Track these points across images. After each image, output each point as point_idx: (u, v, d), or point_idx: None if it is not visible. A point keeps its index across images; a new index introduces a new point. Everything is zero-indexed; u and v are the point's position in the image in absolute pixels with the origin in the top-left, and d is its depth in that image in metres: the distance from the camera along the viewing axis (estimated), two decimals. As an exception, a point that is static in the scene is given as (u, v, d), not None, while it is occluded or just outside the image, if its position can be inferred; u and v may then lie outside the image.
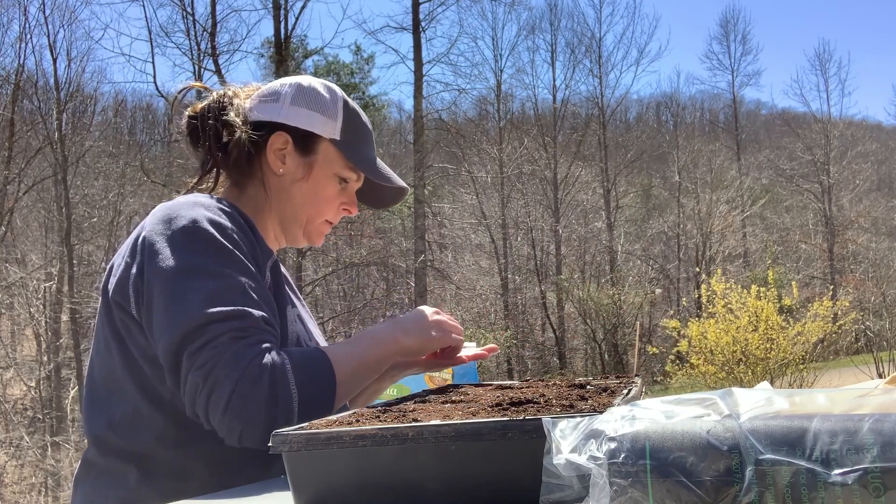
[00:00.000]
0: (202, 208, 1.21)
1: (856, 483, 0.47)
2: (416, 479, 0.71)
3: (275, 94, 1.39)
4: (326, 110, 1.38)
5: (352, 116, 1.41)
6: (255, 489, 0.99)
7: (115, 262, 1.24)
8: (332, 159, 1.39)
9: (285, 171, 1.37)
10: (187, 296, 1.10)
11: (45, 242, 20.56)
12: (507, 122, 26.55)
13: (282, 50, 18.17)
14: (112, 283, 1.20)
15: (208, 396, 1.06)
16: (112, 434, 1.21)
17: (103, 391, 1.24)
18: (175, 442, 1.18)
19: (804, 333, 11.88)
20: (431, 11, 20.56)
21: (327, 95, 1.39)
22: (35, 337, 19.40)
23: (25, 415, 18.39)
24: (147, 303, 1.14)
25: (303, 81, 1.40)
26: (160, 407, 1.18)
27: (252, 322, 1.11)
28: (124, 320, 1.19)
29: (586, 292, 23.52)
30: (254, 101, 1.39)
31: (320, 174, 1.39)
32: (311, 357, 1.14)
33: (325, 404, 1.12)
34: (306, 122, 1.36)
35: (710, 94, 36.22)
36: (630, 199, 29.18)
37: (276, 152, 1.36)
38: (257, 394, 1.05)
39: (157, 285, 1.13)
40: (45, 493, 15.90)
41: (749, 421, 0.52)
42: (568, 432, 0.57)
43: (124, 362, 1.20)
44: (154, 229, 1.18)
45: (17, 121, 18.89)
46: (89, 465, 1.25)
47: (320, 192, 1.40)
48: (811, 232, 31.23)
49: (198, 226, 1.17)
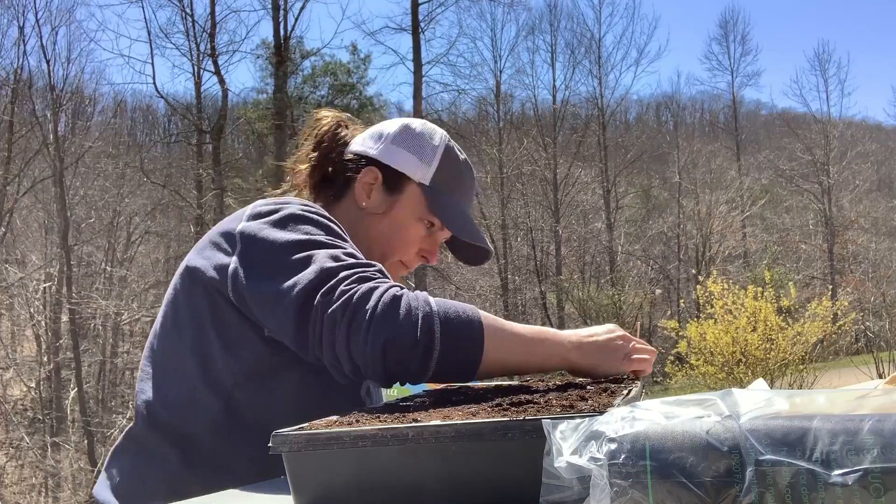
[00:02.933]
0: (296, 203, 1.24)
1: (856, 484, 0.47)
2: (416, 480, 0.71)
3: (383, 129, 1.43)
4: (423, 154, 1.40)
5: (450, 165, 1.43)
6: (255, 489, 0.99)
7: (202, 244, 1.25)
8: (416, 202, 1.40)
9: (368, 206, 1.39)
10: (307, 260, 1.10)
11: (45, 243, 20.56)
12: (507, 122, 26.57)
13: (281, 51, 18.19)
14: (209, 269, 1.19)
15: (349, 324, 1.04)
16: (164, 412, 1.21)
17: (162, 369, 1.25)
18: (225, 432, 1.18)
19: (804, 334, 11.88)
20: (431, 12, 20.60)
21: (429, 140, 1.42)
22: (35, 337, 19.40)
23: (25, 415, 18.39)
24: (254, 281, 1.13)
25: (413, 123, 1.44)
26: (218, 395, 1.19)
27: (377, 269, 1.12)
28: (217, 303, 1.19)
29: (586, 293, 23.54)
30: (362, 137, 1.45)
31: (401, 214, 1.40)
32: (459, 303, 1.11)
33: (468, 348, 1.06)
34: (398, 162, 1.39)
35: (710, 95, 36.27)
36: (630, 199, 29.20)
37: (364, 185, 1.40)
38: (398, 311, 1.04)
39: (271, 259, 1.13)
40: (45, 493, 15.89)
41: (749, 421, 0.52)
42: (568, 434, 0.57)
43: (195, 343, 1.20)
44: (253, 220, 1.20)
45: (17, 122, 18.89)
46: (134, 439, 1.25)
47: (397, 232, 1.41)
48: (811, 232, 31.25)
49: (300, 211, 1.20)
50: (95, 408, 18.72)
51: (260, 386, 1.20)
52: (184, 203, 20.68)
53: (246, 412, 1.19)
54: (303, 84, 21.94)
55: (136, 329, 23.95)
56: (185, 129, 21.49)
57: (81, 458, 16.44)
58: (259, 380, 1.20)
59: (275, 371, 1.20)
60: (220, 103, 19.89)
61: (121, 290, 20.68)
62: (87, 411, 17.58)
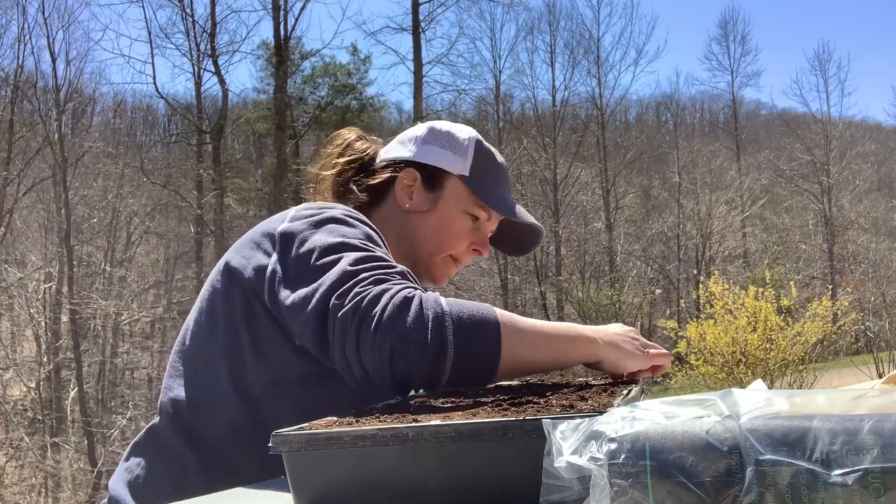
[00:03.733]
0: (338, 207, 1.24)
1: (856, 484, 0.47)
2: (416, 480, 0.71)
3: (411, 134, 1.46)
4: (456, 148, 1.42)
5: (485, 155, 1.44)
6: (255, 489, 0.99)
7: (241, 243, 1.24)
8: (460, 195, 1.41)
9: (411, 207, 1.40)
10: (333, 264, 1.10)
11: (45, 243, 20.56)
12: (507, 122, 26.59)
13: (281, 51, 18.19)
14: (248, 269, 1.18)
15: (358, 328, 1.02)
16: (189, 411, 1.20)
17: (192, 365, 1.24)
18: (245, 438, 1.17)
19: (803, 334, 11.89)
20: (431, 12, 20.62)
21: (459, 135, 1.44)
22: (35, 338, 19.40)
23: (25, 416, 18.39)
24: (287, 286, 1.12)
25: (437, 124, 1.46)
26: (244, 400, 1.18)
27: (397, 271, 1.11)
28: (252, 306, 1.18)
29: (586, 293, 23.54)
30: (391, 144, 1.47)
31: (446, 209, 1.41)
32: (473, 302, 1.08)
33: (484, 348, 1.03)
34: (434, 159, 1.41)
35: (710, 95, 36.31)
36: (629, 199, 29.21)
37: (405, 188, 1.41)
38: (407, 315, 1.01)
39: (302, 263, 1.12)
40: (45, 494, 15.89)
41: (749, 421, 0.52)
42: (568, 434, 0.57)
43: (227, 345, 1.19)
44: (297, 221, 1.19)
45: (17, 122, 18.91)
46: (154, 436, 1.24)
47: (445, 227, 1.41)
48: (811, 232, 31.25)
49: (339, 216, 1.20)
50: (95, 408, 18.72)
51: (287, 395, 1.18)
52: (184, 203, 20.70)
53: (268, 420, 1.15)
54: (303, 84, 21.94)
55: (136, 329, 23.96)
56: (185, 129, 21.51)
57: (81, 459, 16.45)
58: (286, 389, 1.18)
59: (303, 381, 1.18)
60: (220, 103, 19.93)
61: (121, 290, 20.69)
62: (87, 411, 17.58)
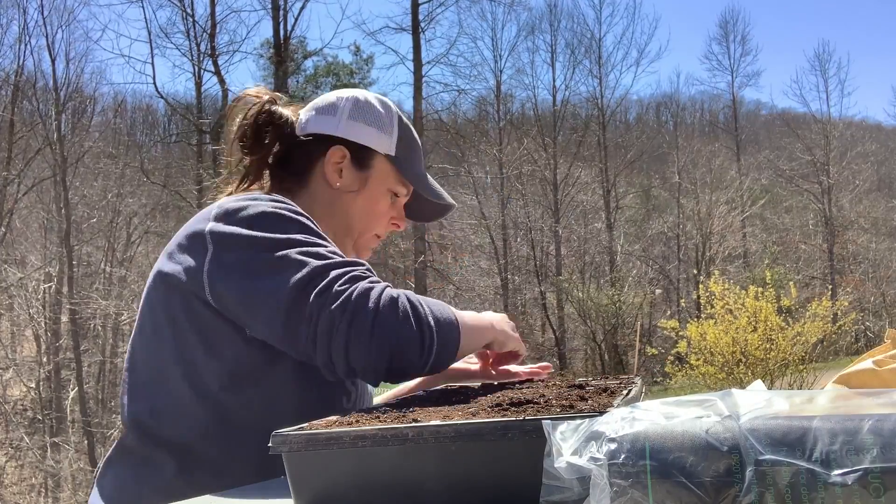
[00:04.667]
0: (265, 199, 1.21)
1: (856, 483, 0.47)
2: (416, 480, 0.71)
3: (332, 106, 1.40)
4: (382, 125, 1.41)
5: (405, 132, 1.44)
6: (255, 489, 0.99)
7: (170, 248, 1.22)
8: (386, 174, 1.41)
9: (341, 185, 1.39)
10: (291, 259, 1.09)
11: (45, 243, 20.56)
12: (507, 122, 26.57)
13: (281, 51, 18.20)
14: (182, 273, 1.17)
15: (349, 324, 1.04)
16: (153, 422, 1.20)
17: (145, 377, 1.23)
18: (216, 437, 1.18)
19: (804, 334, 11.88)
20: (431, 12, 20.60)
21: (382, 110, 1.42)
22: (35, 338, 19.40)
23: (25, 416, 18.40)
24: (234, 283, 1.12)
25: (359, 95, 1.43)
26: (205, 400, 1.18)
27: (368, 267, 1.14)
28: (194, 307, 1.17)
29: (586, 293, 23.53)
30: (309, 112, 1.41)
31: (375, 189, 1.41)
32: (435, 300, 1.15)
33: (454, 342, 1.12)
34: (363, 137, 1.39)
35: (710, 95, 36.25)
36: (630, 199, 29.19)
37: (334, 166, 1.38)
38: (399, 313, 1.06)
39: (246, 263, 1.11)
40: (45, 493, 15.90)
41: (749, 421, 0.52)
42: (568, 435, 0.57)
43: (175, 350, 1.19)
44: (222, 220, 1.17)
45: (17, 122, 18.91)
46: (126, 450, 1.24)
47: (373, 207, 1.42)
48: (811, 232, 31.24)
49: (271, 208, 1.18)
50: (95, 408, 18.72)
51: (245, 387, 1.19)
52: (184, 203, 20.67)
53: (234, 414, 1.18)
54: (305, 84, 21.95)
55: (136, 329, 23.92)
56: (185, 129, 21.50)
57: (81, 459, 16.45)
58: (244, 380, 1.19)
59: (259, 371, 1.19)
60: (221, 103, 19.90)
61: (121, 290, 20.68)
62: (87, 411, 17.59)
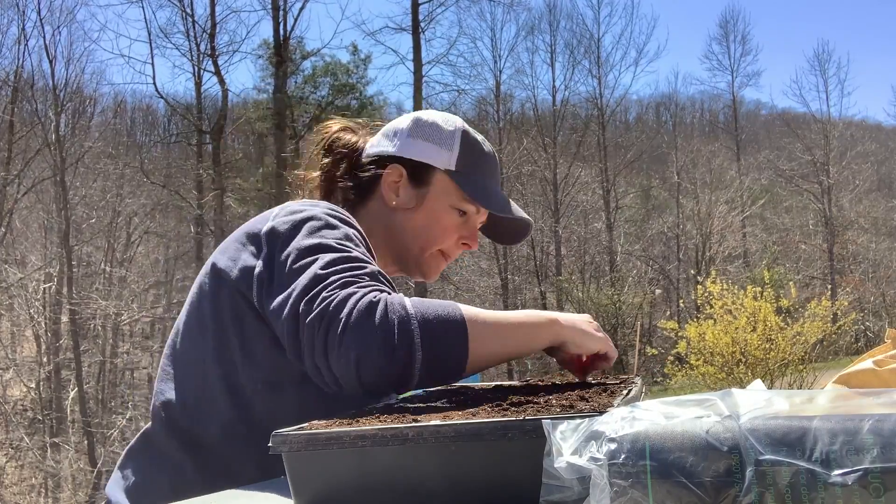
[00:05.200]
0: (331, 209, 1.23)
1: (856, 484, 0.47)
2: (416, 480, 0.71)
3: (395, 127, 1.42)
4: (442, 141, 1.39)
5: (471, 147, 1.41)
6: (255, 489, 0.99)
7: (226, 244, 1.23)
8: (447, 190, 1.39)
9: (398, 204, 1.38)
10: (308, 266, 1.09)
11: (45, 243, 20.56)
12: (507, 122, 26.57)
13: (281, 51, 18.20)
14: (235, 270, 1.18)
15: (326, 333, 1.02)
16: (182, 414, 1.20)
17: (183, 371, 1.23)
18: (237, 437, 1.17)
19: (803, 334, 11.88)
20: (431, 12, 20.60)
21: (445, 126, 1.40)
22: (35, 338, 19.40)
23: (25, 416, 18.39)
24: (269, 289, 1.12)
25: (422, 115, 1.43)
26: (237, 401, 1.17)
27: (367, 271, 1.10)
28: (240, 307, 1.17)
29: (586, 293, 23.53)
30: (377, 137, 1.44)
31: (434, 205, 1.39)
32: (438, 301, 1.08)
33: (452, 347, 1.04)
34: (420, 154, 1.38)
35: (710, 95, 36.29)
36: (629, 199, 29.20)
37: (391, 185, 1.38)
38: (372, 321, 1.00)
39: (281, 266, 1.12)
40: (45, 494, 15.89)
41: (749, 421, 0.52)
42: (568, 434, 0.57)
43: (217, 348, 1.19)
44: (280, 221, 1.18)
45: (17, 122, 18.90)
46: (149, 441, 1.24)
47: (434, 224, 1.40)
48: (811, 232, 31.24)
49: (323, 214, 1.19)
50: (95, 408, 18.72)
51: (279, 395, 1.18)
52: (184, 203, 20.69)
53: (263, 420, 1.16)
54: (303, 84, 21.94)
55: (136, 329, 23.97)
56: (185, 129, 21.52)
57: (81, 459, 16.45)
58: (278, 389, 1.18)
59: (295, 381, 1.17)
60: (220, 103, 19.92)
61: (120, 291, 20.69)
62: (87, 412, 17.59)
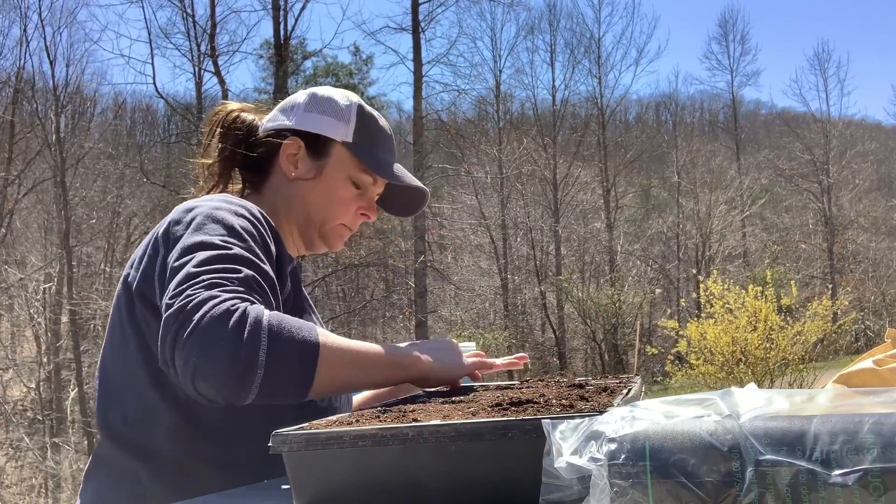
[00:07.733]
0: (223, 202, 1.23)
1: (856, 483, 0.47)
2: (416, 480, 0.71)
3: (291, 103, 1.45)
4: (339, 114, 1.41)
5: (367, 120, 1.44)
6: (255, 489, 0.99)
7: (136, 255, 1.25)
8: (344, 162, 1.41)
9: (297, 175, 1.40)
10: (184, 266, 1.08)
11: (45, 244, 20.56)
12: (507, 122, 26.57)
13: (281, 51, 18.17)
14: (137, 277, 1.20)
15: (176, 332, 0.99)
16: (126, 429, 1.21)
17: (117, 386, 1.24)
18: (186, 440, 1.18)
19: (803, 333, 11.88)
20: (431, 12, 20.54)
21: (341, 101, 1.43)
22: (35, 338, 19.40)
23: (25, 416, 18.39)
24: (161, 286, 1.13)
25: (318, 91, 1.45)
26: (174, 405, 1.18)
27: (240, 276, 1.07)
28: (146, 314, 1.18)
29: (586, 292, 23.52)
30: (273, 113, 1.46)
31: (332, 176, 1.41)
32: (297, 321, 1.05)
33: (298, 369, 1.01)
34: (317, 126, 1.41)
35: (710, 94, 36.28)
36: (629, 199, 29.19)
37: (289, 157, 1.41)
38: (221, 330, 0.97)
39: (165, 266, 1.13)
40: (45, 494, 15.89)
41: (749, 421, 0.52)
42: (568, 434, 0.57)
43: (142, 357, 1.19)
44: (172, 221, 1.20)
45: (17, 123, 18.89)
46: (101, 460, 1.25)
47: (333, 194, 1.42)
48: (811, 232, 31.23)
49: (215, 213, 1.18)
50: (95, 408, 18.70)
51: None
52: (184, 203, 20.64)
53: (205, 420, 1.18)
54: (304, 85, 21.95)
55: (136, 329, 23.91)
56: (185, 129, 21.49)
57: (81, 459, 16.44)
58: None
59: None
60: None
61: (121, 291, 20.65)
62: (87, 412, 17.57)
